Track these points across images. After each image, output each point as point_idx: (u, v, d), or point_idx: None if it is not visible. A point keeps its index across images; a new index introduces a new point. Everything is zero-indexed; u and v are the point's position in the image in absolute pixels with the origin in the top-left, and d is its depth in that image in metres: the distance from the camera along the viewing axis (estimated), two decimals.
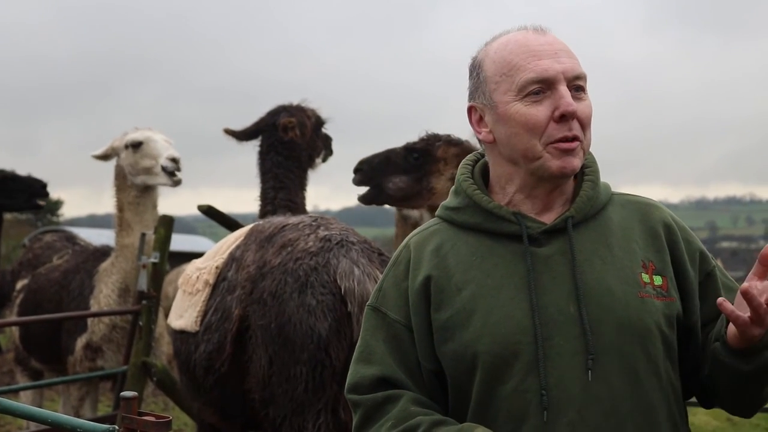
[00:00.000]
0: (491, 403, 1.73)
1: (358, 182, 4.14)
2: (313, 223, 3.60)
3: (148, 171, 5.24)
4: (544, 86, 1.74)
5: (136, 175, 5.28)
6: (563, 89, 1.74)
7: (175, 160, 5.19)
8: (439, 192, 3.88)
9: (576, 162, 1.76)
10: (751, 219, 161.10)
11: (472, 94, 1.87)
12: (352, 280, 3.28)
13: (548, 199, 1.83)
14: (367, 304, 1.92)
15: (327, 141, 5.29)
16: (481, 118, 1.85)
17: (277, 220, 3.77)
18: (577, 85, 1.77)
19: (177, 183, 5.27)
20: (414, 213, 4.29)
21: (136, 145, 5.25)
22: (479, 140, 1.89)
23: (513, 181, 1.83)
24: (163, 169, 5.18)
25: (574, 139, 1.75)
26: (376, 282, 3.26)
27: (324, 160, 5.30)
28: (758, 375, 1.72)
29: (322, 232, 3.49)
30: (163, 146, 5.26)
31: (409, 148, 4.02)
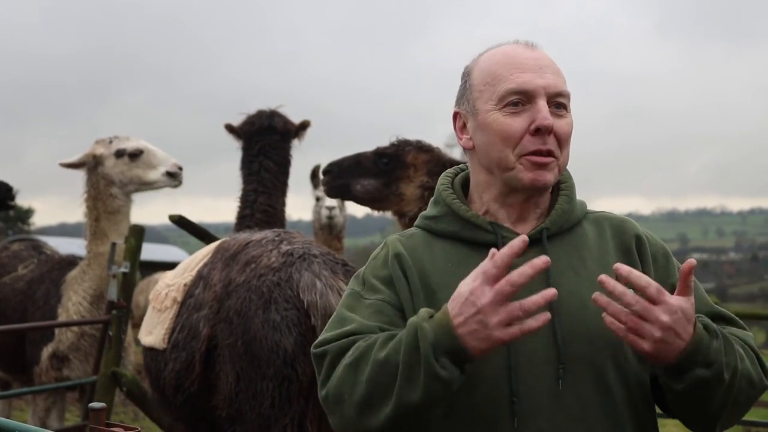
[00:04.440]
0: (462, 409, 1.73)
1: (326, 183, 4.12)
2: (276, 239, 3.60)
3: (146, 180, 5.31)
4: (523, 98, 1.77)
5: (129, 183, 5.32)
6: (542, 103, 1.76)
7: (180, 168, 5.35)
8: (408, 198, 3.84)
9: (549, 177, 1.78)
10: (721, 231, 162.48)
11: (459, 101, 1.91)
12: (314, 293, 3.27)
13: (522, 210, 1.85)
14: (347, 288, 1.89)
15: None
16: (464, 125, 1.89)
17: (242, 236, 3.77)
18: (558, 102, 1.79)
19: (179, 184, 5.40)
20: None
21: (134, 155, 5.31)
22: (461, 146, 1.92)
23: (489, 190, 1.86)
24: (169, 174, 5.31)
25: (549, 154, 1.76)
26: (340, 294, 3.25)
27: None
28: (692, 395, 1.68)
29: (284, 247, 3.48)
30: (163, 155, 5.38)
31: (378, 153, 3.97)
